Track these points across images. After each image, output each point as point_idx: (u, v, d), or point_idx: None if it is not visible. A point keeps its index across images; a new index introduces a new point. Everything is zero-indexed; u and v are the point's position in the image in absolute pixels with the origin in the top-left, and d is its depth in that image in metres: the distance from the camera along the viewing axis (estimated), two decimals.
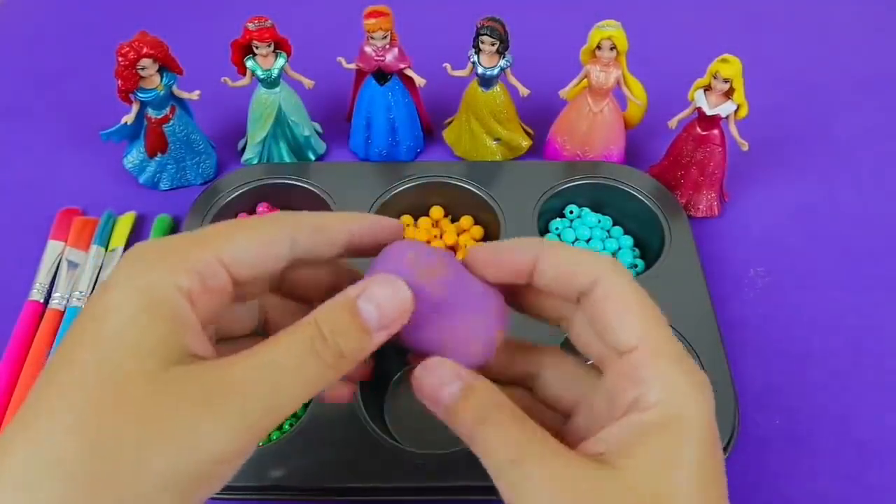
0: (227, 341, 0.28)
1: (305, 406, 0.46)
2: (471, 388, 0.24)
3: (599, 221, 0.57)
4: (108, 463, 0.20)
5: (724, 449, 0.42)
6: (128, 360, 0.21)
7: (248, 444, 0.22)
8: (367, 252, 0.28)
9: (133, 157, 0.59)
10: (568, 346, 0.30)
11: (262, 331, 0.30)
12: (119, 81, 0.53)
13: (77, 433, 0.20)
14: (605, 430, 0.24)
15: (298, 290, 0.29)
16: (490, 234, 0.56)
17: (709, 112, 0.53)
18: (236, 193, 0.56)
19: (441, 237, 0.56)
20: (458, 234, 0.56)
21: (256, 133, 0.59)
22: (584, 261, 0.26)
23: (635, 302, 0.25)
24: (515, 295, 0.28)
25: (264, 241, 0.24)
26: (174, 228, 0.58)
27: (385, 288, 0.24)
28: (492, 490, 0.24)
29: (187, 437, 0.21)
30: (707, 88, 0.53)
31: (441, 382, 0.25)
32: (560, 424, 0.28)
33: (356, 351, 0.24)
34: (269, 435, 0.46)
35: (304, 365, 0.23)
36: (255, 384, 0.22)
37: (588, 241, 0.56)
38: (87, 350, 0.21)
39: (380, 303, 0.24)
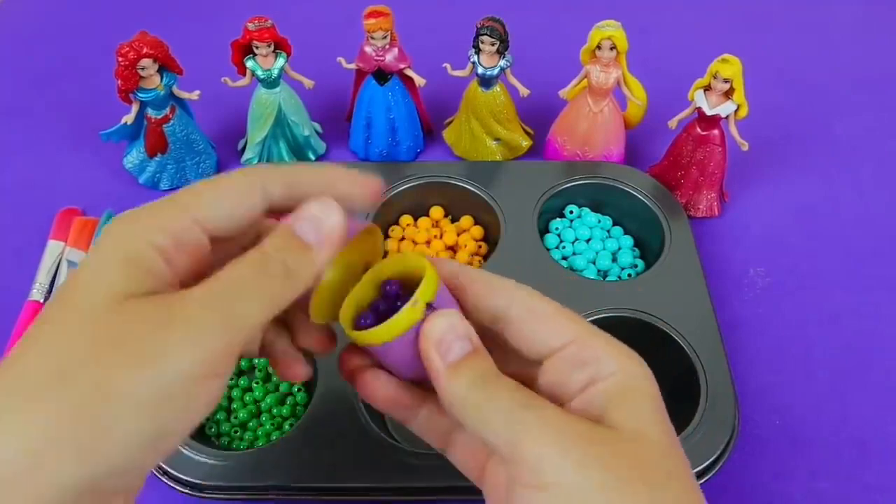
0: None
1: (305, 406, 0.46)
2: (477, 351, 0.26)
3: (599, 221, 0.57)
4: (76, 388, 0.21)
5: (724, 449, 0.42)
6: (95, 296, 0.22)
7: (215, 360, 0.22)
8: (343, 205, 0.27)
9: (133, 157, 0.59)
10: None
11: None
12: (119, 81, 0.53)
13: (47, 362, 0.21)
14: (574, 401, 0.26)
15: None
16: (490, 235, 0.56)
17: (709, 112, 0.53)
18: None
19: (441, 237, 0.56)
20: (458, 234, 0.56)
21: (256, 133, 0.59)
22: (493, 286, 0.28)
23: (552, 309, 0.27)
24: None
25: (234, 193, 0.25)
26: None
27: (317, 208, 0.26)
28: None
29: (152, 356, 0.21)
30: (707, 88, 0.53)
31: (455, 336, 0.25)
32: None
33: (302, 265, 0.25)
34: (270, 435, 0.46)
35: (255, 279, 0.24)
36: (212, 299, 0.23)
37: (588, 241, 0.56)
38: (64, 295, 0.23)
39: (316, 222, 0.26)
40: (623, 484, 0.22)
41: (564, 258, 0.55)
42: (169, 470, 0.42)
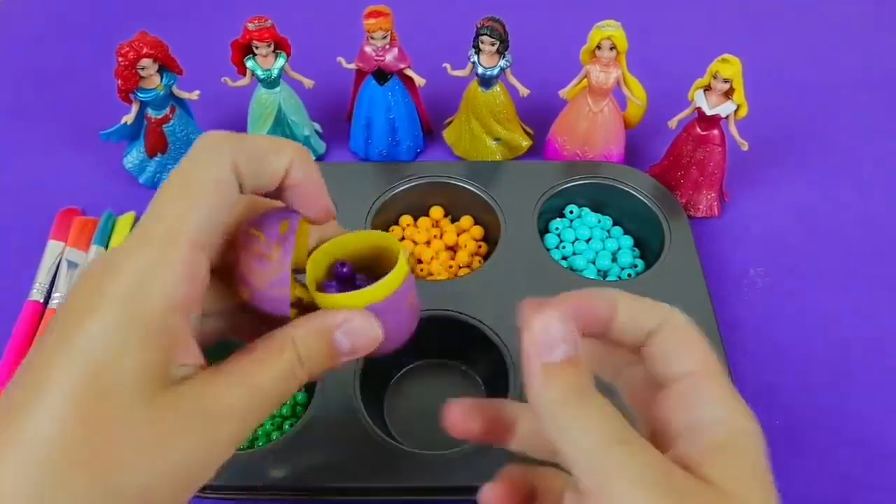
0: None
1: (305, 406, 0.46)
2: (577, 359, 0.23)
3: (599, 221, 0.57)
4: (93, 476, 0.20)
5: None
6: (122, 396, 0.21)
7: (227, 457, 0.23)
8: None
9: (133, 157, 0.59)
10: None
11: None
12: (119, 81, 0.53)
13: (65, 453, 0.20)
14: (674, 444, 0.24)
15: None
16: (490, 235, 0.56)
17: (709, 112, 0.53)
18: None
19: (441, 237, 0.56)
20: (458, 234, 0.56)
21: (256, 133, 0.59)
22: (652, 305, 0.26)
23: (698, 337, 0.25)
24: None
25: (216, 199, 0.24)
26: None
27: (364, 324, 0.25)
28: None
29: (178, 461, 0.22)
30: (707, 88, 0.53)
31: (560, 336, 0.23)
32: None
33: (322, 372, 0.26)
34: (270, 435, 0.46)
35: (283, 388, 0.24)
36: (246, 411, 0.23)
37: (588, 241, 0.56)
38: (75, 367, 0.21)
39: (355, 339, 0.25)
40: None
41: (564, 258, 0.55)
42: None
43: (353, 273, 0.27)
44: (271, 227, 0.26)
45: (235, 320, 0.28)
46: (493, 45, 0.54)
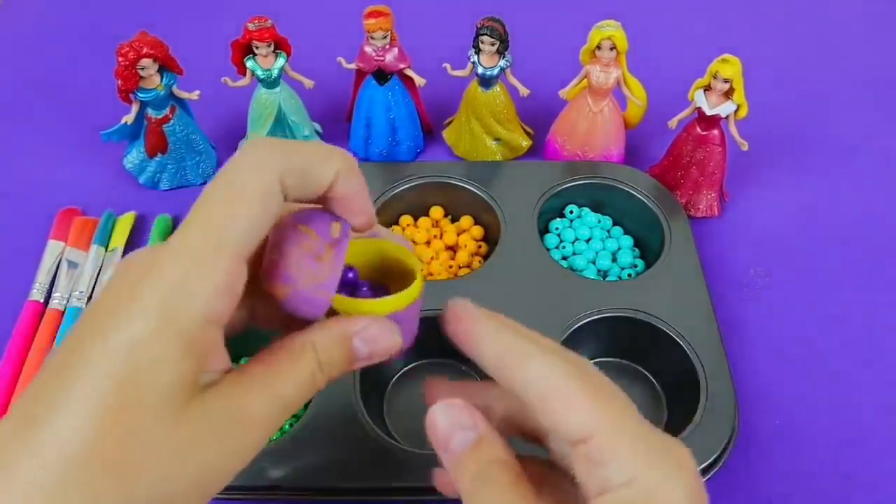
0: None
1: (306, 406, 0.46)
2: (481, 441, 0.25)
3: (599, 221, 0.57)
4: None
5: (724, 449, 0.42)
6: (149, 394, 0.21)
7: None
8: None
9: (133, 157, 0.59)
10: None
11: None
12: (119, 81, 0.53)
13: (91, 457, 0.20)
14: None
15: None
16: (490, 235, 0.56)
17: (709, 112, 0.53)
18: None
19: (441, 237, 0.56)
20: (458, 234, 0.56)
21: (256, 133, 0.59)
22: (507, 363, 0.25)
23: (575, 390, 0.23)
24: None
25: (259, 209, 0.23)
26: (174, 228, 0.58)
27: (382, 331, 0.26)
28: None
29: (203, 469, 0.22)
30: (707, 88, 0.53)
31: (456, 426, 0.25)
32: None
33: (338, 376, 0.26)
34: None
35: (304, 394, 0.25)
36: (269, 419, 0.24)
37: (588, 241, 0.56)
38: (108, 369, 0.21)
39: (374, 346, 0.26)
40: None
41: (564, 258, 0.55)
42: None
43: (358, 279, 0.27)
44: (322, 226, 0.25)
45: (257, 310, 0.28)
46: (493, 45, 0.54)
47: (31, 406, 0.21)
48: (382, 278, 0.28)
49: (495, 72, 0.56)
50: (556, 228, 0.56)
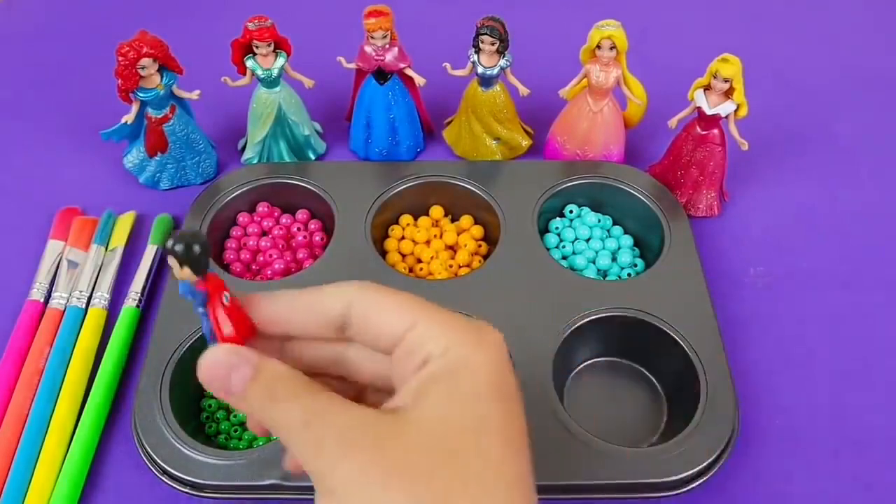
0: None
1: None
2: (259, 369, 0.25)
3: (599, 221, 0.57)
4: None
5: (724, 449, 0.42)
6: None
7: None
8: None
9: (133, 156, 0.59)
10: None
11: None
12: (119, 81, 0.53)
13: None
14: (401, 389, 0.25)
15: None
16: (490, 234, 0.56)
17: (709, 112, 0.53)
18: (236, 193, 0.56)
19: (441, 237, 0.56)
20: (458, 234, 0.56)
21: (256, 133, 0.59)
22: (330, 292, 0.27)
23: (390, 301, 0.26)
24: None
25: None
26: (174, 228, 0.58)
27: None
28: None
29: None
30: (707, 88, 0.53)
31: (230, 367, 0.25)
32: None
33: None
34: (269, 435, 0.46)
35: None
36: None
37: (588, 240, 0.56)
38: None
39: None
40: (385, 488, 0.22)
41: (564, 258, 0.55)
42: (169, 470, 0.42)
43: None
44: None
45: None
46: (493, 44, 0.54)
47: None
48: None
49: (495, 71, 0.56)
50: (556, 228, 0.56)
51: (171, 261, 0.25)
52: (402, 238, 0.56)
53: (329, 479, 0.23)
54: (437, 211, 0.58)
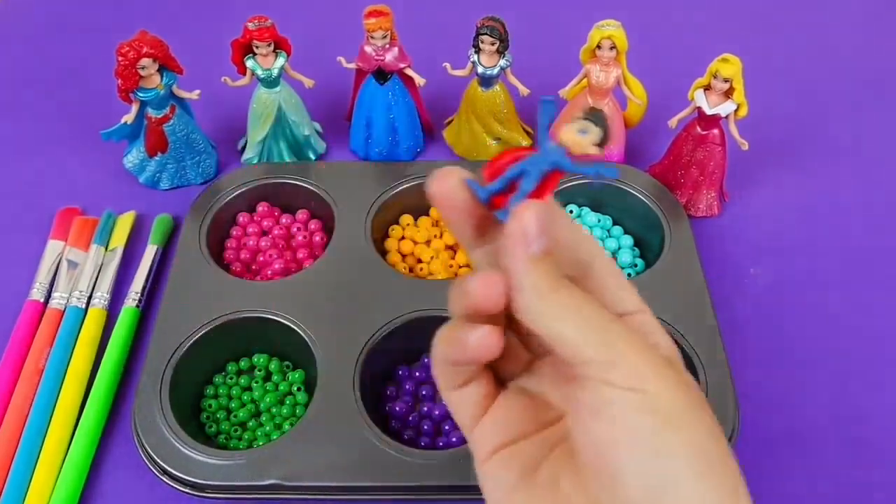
0: None
1: (305, 406, 0.46)
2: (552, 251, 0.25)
3: (599, 221, 0.57)
4: None
5: None
6: None
7: None
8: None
9: (133, 156, 0.59)
10: None
11: None
12: (119, 81, 0.53)
13: None
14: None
15: None
16: None
17: (709, 111, 0.53)
18: (236, 193, 0.56)
19: (441, 237, 0.56)
20: None
21: (256, 132, 0.59)
22: (583, 239, 0.28)
23: (625, 282, 0.29)
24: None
25: None
26: (174, 228, 0.58)
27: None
28: None
29: None
30: (707, 88, 0.53)
31: (541, 230, 0.25)
32: None
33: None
34: (269, 435, 0.46)
35: None
36: None
37: None
38: None
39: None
40: (698, 410, 0.24)
41: None
42: (169, 469, 0.42)
43: None
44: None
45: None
46: (493, 44, 0.54)
47: None
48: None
49: (495, 71, 0.56)
50: None
51: (583, 124, 0.25)
52: (402, 238, 0.56)
53: (645, 378, 0.23)
54: (437, 211, 0.57)
